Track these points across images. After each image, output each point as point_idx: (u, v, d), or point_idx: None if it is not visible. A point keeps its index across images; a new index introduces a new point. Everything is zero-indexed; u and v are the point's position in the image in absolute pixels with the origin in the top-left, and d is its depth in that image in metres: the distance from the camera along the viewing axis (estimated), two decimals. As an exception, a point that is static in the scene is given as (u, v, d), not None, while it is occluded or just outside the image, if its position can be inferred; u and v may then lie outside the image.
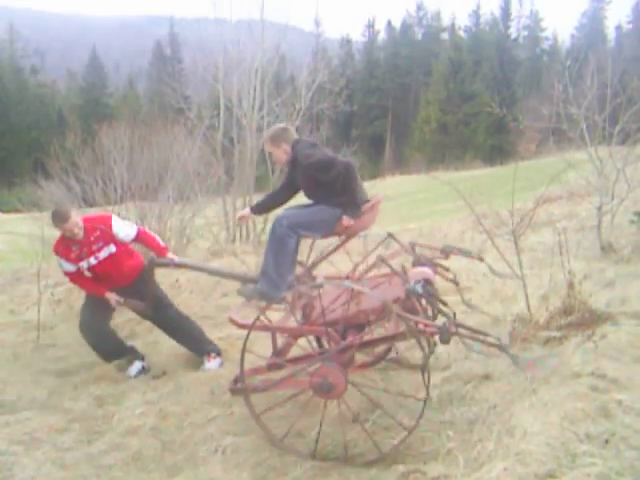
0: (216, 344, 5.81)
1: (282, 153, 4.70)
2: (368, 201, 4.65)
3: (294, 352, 4.36)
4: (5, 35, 69.90)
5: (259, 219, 11.82)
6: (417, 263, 4.49)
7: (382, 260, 4.35)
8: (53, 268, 5.92)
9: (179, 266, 5.58)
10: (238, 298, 4.90)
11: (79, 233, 5.26)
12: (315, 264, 4.99)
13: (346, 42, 71.98)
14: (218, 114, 14.33)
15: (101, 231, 5.39)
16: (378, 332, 4.11)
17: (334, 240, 4.92)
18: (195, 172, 12.42)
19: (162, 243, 5.68)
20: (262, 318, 4.05)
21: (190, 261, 6.21)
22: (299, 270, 4.75)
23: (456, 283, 4.56)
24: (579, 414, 3.25)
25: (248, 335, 3.92)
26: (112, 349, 5.64)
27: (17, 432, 4.27)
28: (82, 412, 4.66)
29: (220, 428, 4.01)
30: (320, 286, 4.27)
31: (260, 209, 5.23)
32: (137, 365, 5.56)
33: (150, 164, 11.56)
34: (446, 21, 75.41)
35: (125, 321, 7.10)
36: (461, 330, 4.01)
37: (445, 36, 73.79)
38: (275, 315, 4.56)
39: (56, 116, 65.76)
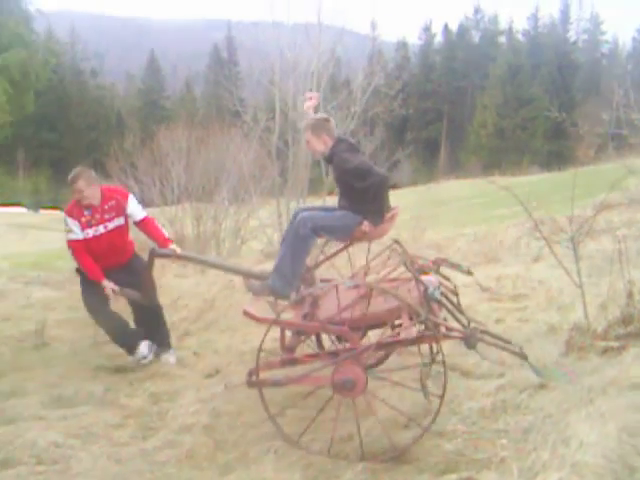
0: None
1: (321, 144, 4.65)
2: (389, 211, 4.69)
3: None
4: (66, 38, 71.58)
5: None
6: (421, 271, 4.48)
7: (405, 265, 4.38)
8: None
9: (181, 258, 5.63)
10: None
11: (82, 201, 5.38)
12: (317, 265, 5.05)
13: (402, 45, 71.68)
14: (273, 117, 14.42)
15: (117, 201, 5.53)
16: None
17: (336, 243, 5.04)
18: (250, 174, 12.55)
19: (167, 234, 5.73)
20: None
21: (193, 254, 6.22)
22: None
23: (455, 293, 4.53)
24: (638, 426, 3.17)
25: (268, 330, 3.98)
26: (120, 326, 5.76)
27: (74, 426, 4.35)
28: (137, 408, 4.73)
29: (272, 428, 4.03)
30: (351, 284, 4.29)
31: None
32: (145, 344, 5.70)
33: (206, 166, 11.74)
34: (504, 24, 74.72)
35: (180, 320, 7.21)
36: (486, 337, 4.07)
37: (502, 39, 72.97)
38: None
39: (115, 118, 67.33)
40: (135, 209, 5.67)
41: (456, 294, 4.51)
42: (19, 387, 5.24)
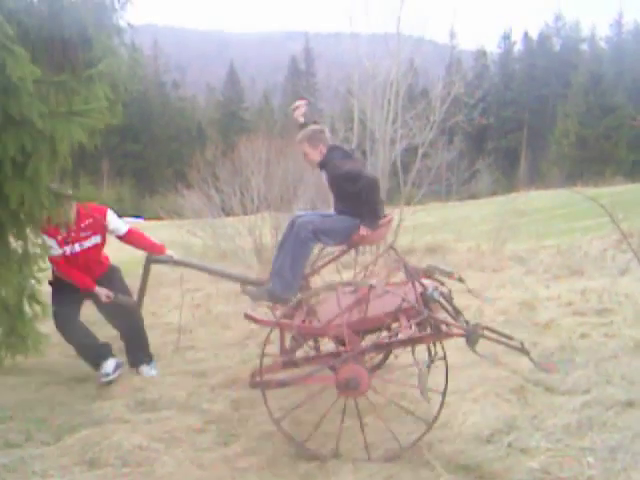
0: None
1: (318, 154, 4.87)
2: (385, 216, 4.85)
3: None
4: (150, 51, 73.60)
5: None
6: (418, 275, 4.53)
7: (405, 268, 4.51)
8: (194, 274, 6.14)
9: (178, 264, 5.61)
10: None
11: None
12: (313, 273, 5.13)
13: (481, 54, 70.83)
14: (352, 127, 14.46)
15: (94, 219, 5.47)
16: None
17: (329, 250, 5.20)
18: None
19: (157, 241, 5.71)
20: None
21: (190, 260, 6.18)
22: None
23: (450, 298, 4.51)
24: None
25: (270, 332, 4.11)
26: (87, 341, 5.66)
27: (158, 430, 4.41)
28: (219, 414, 4.78)
29: (353, 439, 4.02)
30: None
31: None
32: (111, 362, 5.57)
33: (285, 176, 11.86)
34: (586, 32, 73.08)
35: (262, 327, 7.27)
36: (487, 333, 4.11)
37: (584, 47, 71.37)
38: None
39: (195, 129, 68.70)
40: (117, 224, 5.63)
41: (451, 298, 4.51)
42: (105, 390, 5.37)
